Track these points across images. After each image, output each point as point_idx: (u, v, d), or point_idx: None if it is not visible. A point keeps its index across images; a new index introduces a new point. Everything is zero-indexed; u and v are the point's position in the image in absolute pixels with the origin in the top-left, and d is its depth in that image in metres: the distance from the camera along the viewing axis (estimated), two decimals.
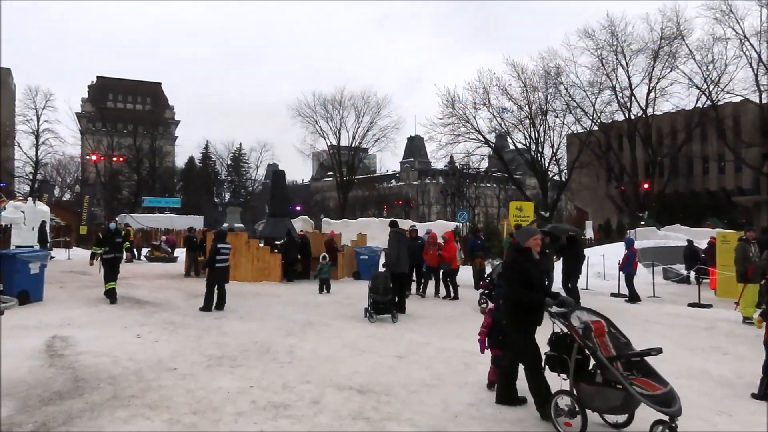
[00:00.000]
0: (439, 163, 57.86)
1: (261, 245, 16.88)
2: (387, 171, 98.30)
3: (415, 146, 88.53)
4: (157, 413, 4.78)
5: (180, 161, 79.83)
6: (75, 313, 9.92)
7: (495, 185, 74.46)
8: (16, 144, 55.93)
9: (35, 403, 4.95)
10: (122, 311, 10.32)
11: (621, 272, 14.19)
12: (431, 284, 13.86)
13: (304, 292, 13.82)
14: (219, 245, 11.02)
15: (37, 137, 54.11)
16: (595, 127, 40.93)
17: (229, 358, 6.81)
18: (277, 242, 17.63)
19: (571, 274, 11.85)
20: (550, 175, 42.76)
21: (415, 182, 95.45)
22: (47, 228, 23.62)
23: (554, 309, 4.76)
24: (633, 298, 13.23)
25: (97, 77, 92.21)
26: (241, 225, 39.06)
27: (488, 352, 5.75)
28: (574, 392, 4.46)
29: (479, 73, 43.32)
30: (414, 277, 13.96)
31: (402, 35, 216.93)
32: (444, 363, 6.89)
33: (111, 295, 11.38)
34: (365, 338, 8.34)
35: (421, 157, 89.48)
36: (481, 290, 11.91)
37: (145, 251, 26.10)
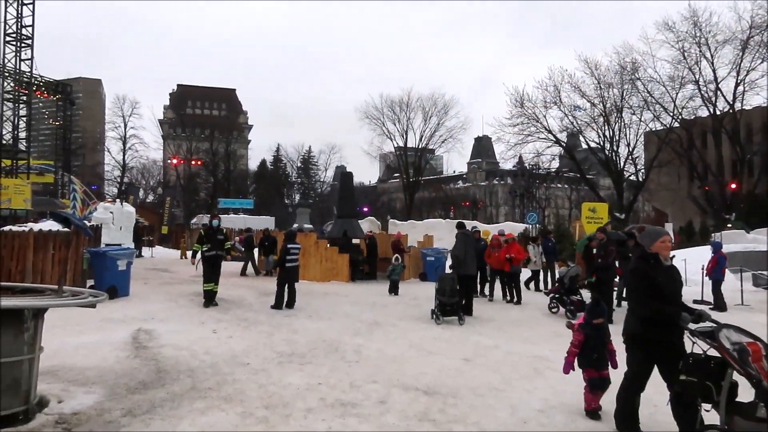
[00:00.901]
0: (507, 164, 56.80)
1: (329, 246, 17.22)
2: (454, 172, 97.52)
3: (482, 147, 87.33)
4: (232, 406, 4.98)
5: (253, 164, 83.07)
6: (157, 307, 10.52)
7: (566, 186, 72.11)
8: (105, 149, 60.32)
9: (122, 391, 5.30)
10: (200, 308, 10.83)
11: (708, 278, 13.28)
12: (497, 287, 13.61)
13: (370, 293, 13.96)
14: (289, 245, 11.34)
15: (124, 143, 58.09)
16: (676, 124, 38.65)
17: (298, 356, 7.00)
18: (355, 241, 17.94)
19: None
20: (626, 175, 40.82)
21: (482, 183, 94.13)
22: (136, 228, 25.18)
23: (694, 326, 4.03)
24: (719, 306, 12.37)
25: (177, 85, 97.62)
26: (310, 226, 40.03)
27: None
28: (726, 427, 3.75)
29: (550, 71, 42.04)
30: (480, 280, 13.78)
31: (471, 37, 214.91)
32: (512, 367, 6.74)
33: (208, 297, 10.90)
34: (431, 340, 8.31)
35: (489, 158, 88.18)
36: (551, 294, 11.58)
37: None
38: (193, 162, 62.22)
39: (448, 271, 12.44)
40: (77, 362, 6.24)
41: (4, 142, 26.76)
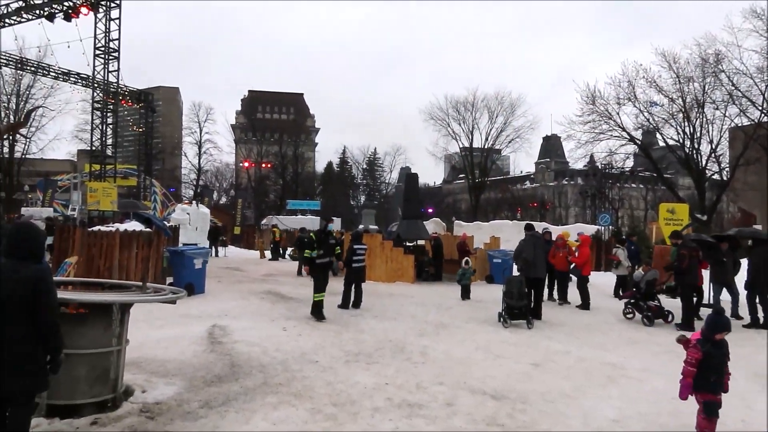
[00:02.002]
0: (577, 163, 54.70)
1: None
2: (521, 172, 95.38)
3: (551, 146, 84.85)
4: (301, 402, 5.11)
5: (320, 166, 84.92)
6: (230, 305, 10.96)
7: (641, 186, 68.77)
8: (183, 154, 63.69)
9: (199, 383, 5.56)
10: (270, 305, 11.20)
11: None
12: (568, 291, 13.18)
13: (436, 294, 13.90)
14: (355, 246, 11.49)
15: (199, 147, 61.12)
16: (766, 119, 35.93)
17: (365, 355, 7.07)
18: (408, 244, 17.97)
19: (757, 284, 10.14)
20: (709, 174, 38.34)
21: (551, 183, 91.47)
22: (210, 228, 26.34)
23: None
24: None
25: (249, 91, 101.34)
26: (376, 226, 40.38)
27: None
28: None
29: (623, 66, 40.10)
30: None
31: (546, 37, 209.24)
32: (584, 374, 6.51)
33: (317, 311, 9.64)
34: (499, 343, 8.17)
35: (558, 157, 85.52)
36: (626, 299, 11.07)
37: (289, 251, 28.05)
38: (263, 165, 64.42)
39: (515, 273, 12.17)
40: (159, 355, 6.61)
41: (93, 148, 28.82)
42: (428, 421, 4.76)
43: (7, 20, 27.84)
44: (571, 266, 12.84)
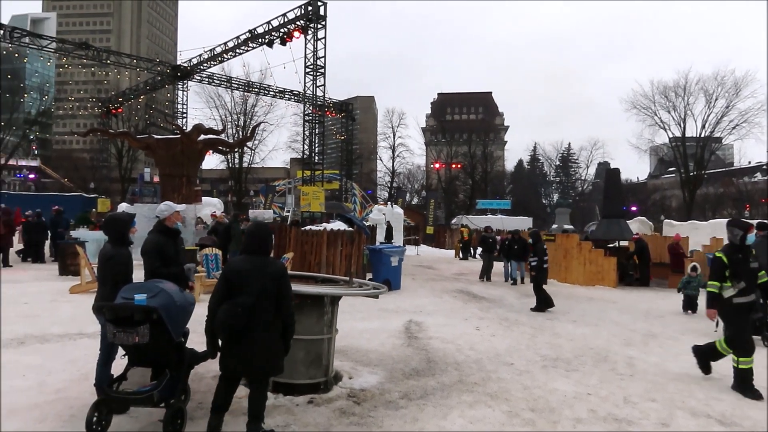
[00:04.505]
0: None
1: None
2: (749, 163, 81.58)
3: None
4: (497, 403, 5.04)
5: (510, 165, 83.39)
6: (424, 302, 11.33)
7: None
8: (378, 158, 67.91)
9: (399, 375, 5.84)
10: (463, 304, 11.30)
11: None
12: None
13: (642, 300, 12.63)
14: (544, 246, 11.11)
15: (393, 151, 64.63)
16: None
17: (563, 361, 6.71)
18: (609, 245, 16.60)
19: None
20: None
21: None
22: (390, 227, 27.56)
23: None
24: None
25: (438, 94, 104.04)
26: (571, 226, 38.20)
27: None
28: None
29: None
30: None
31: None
32: None
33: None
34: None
35: None
36: None
37: (479, 250, 28.00)
38: (452, 165, 65.43)
39: None
40: (362, 345, 7.11)
41: (304, 156, 32.29)
42: None
43: (237, 50, 32.65)
44: None
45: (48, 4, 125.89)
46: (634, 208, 48.84)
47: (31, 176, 63.92)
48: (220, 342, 3.94)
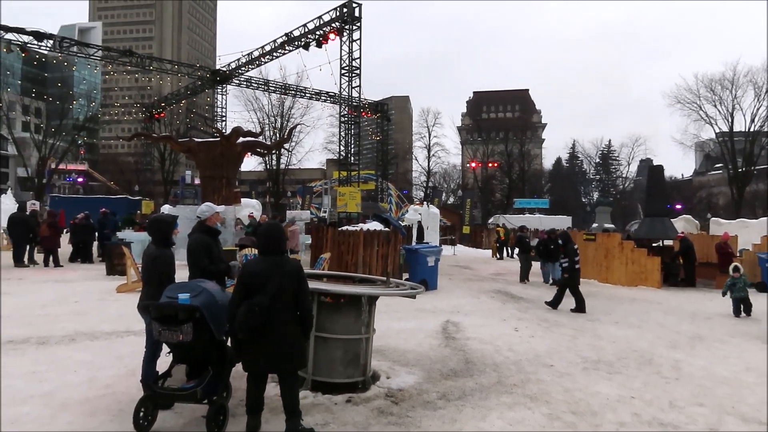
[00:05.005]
0: None
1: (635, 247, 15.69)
2: None
3: None
4: (537, 405, 4.97)
5: (547, 163, 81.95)
6: (461, 302, 11.25)
7: None
8: (413, 158, 67.84)
9: (437, 376, 5.82)
10: (501, 304, 11.16)
11: None
12: None
13: (688, 302, 12.23)
14: (576, 246, 10.89)
15: (428, 151, 64.38)
16: None
17: (605, 363, 6.56)
18: (653, 244, 16.12)
19: None
20: None
21: None
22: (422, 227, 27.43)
23: None
24: None
25: (473, 92, 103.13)
26: (612, 225, 37.25)
27: None
28: None
29: None
30: None
31: None
32: None
33: None
34: None
35: None
36: None
37: (517, 250, 27.61)
38: (489, 164, 64.71)
39: None
40: (399, 345, 7.12)
41: (340, 156, 32.56)
42: None
43: (274, 54, 33.18)
44: None
45: (94, 13, 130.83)
46: (678, 206, 47.23)
47: (80, 180, 66.62)
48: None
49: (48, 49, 29.36)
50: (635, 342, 7.83)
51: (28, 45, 28.12)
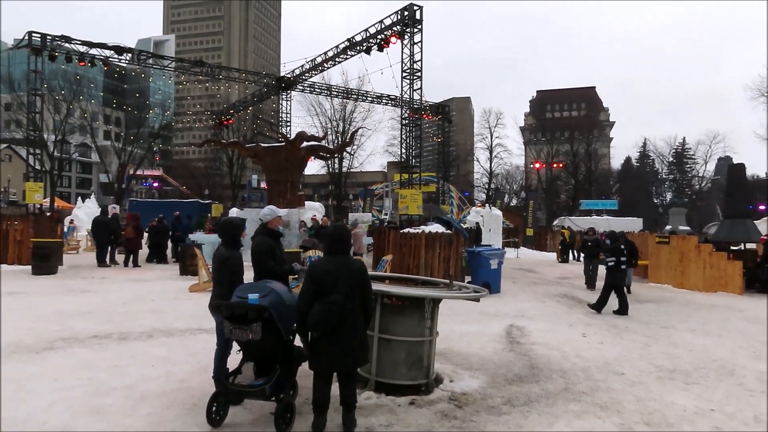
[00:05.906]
0: None
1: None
2: None
3: None
4: (608, 414, 4.78)
5: (616, 163, 78.71)
6: (526, 305, 11.00)
7: None
8: (475, 159, 67.00)
9: (501, 381, 5.72)
10: (567, 309, 10.83)
11: None
12: None
13: None
14: (622, 246, 10.51)
15: (490, 152, 63.47)
16: None
17: (682, 373, 6.22)
18: (733, 248, 15.15)
19: None
20: None
21: None
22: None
23: None
24: None
25: (537, 91, 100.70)
26: (687, 227, 35.32)
27: None
28: None
29: None
30: None
31: None
32: None
33: None
34: None
35: None
36: None
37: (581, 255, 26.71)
38: (553, 165, 62.94)
39: None
40: (462, 348, 7.05)
41: (401, 159, 32.59)
42: None
43: (336, 59, 33.73)
44: None
45: (168, 26, 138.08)
46: (762, 207, 44.11)
47: (155, 185, 70.37)
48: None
49: (127, 62, 31.16)
50: (714, 351, 7.39)
51: (110, 59, 29.99)
